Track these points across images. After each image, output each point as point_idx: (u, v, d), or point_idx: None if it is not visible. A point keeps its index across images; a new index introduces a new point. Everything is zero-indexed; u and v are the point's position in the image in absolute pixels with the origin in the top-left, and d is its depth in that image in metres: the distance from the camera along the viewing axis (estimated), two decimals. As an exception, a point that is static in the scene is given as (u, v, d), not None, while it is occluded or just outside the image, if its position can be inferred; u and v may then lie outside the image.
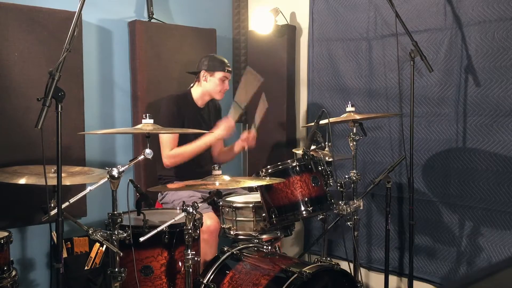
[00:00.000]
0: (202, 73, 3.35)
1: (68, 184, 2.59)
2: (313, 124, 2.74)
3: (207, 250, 2.93)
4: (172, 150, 3.24)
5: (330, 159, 2.83)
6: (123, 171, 2.18)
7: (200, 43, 3.88)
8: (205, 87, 3.37)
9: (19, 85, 3.05)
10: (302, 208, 2.52)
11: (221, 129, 3.25)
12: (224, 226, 2.90)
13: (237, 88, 3.47)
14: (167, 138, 3.23)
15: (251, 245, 2.72)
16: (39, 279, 3.27)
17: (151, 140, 2.36)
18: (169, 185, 2.84)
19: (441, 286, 3.13)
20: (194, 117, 3.36)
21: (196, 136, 3.29)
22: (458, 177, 3.02)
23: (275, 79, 3.88)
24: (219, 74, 3.33)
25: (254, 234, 2.77)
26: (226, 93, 3.47)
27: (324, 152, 2.85)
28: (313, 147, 2.70)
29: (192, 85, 3.44)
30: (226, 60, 3.41)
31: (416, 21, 3.13)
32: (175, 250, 2.47)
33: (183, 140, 3.29)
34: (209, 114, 3.51)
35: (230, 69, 3.39)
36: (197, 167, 3.30)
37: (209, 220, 2.96)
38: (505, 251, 2.86)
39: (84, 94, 3.33)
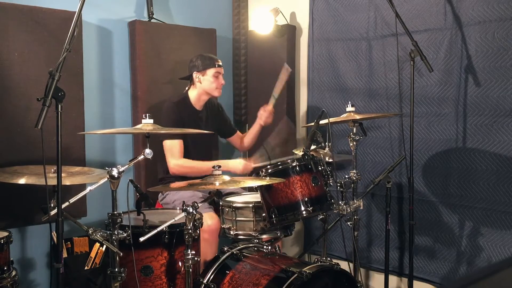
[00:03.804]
0: (195, 74, 3.35)
1: (68, 184, 2.59)
2: (313, 124, 2.74)
3: (208, 249, 2.93)
4: (182, 160, 3.24)
5: (330, 160, 2.83)
6: (123, 171, 2.18)
7: (200, 43, 3.88)
8: (201, 88, 3.36)
9: (19, 85, 3.05)
10: (302, 208, 2.52)
11: (239, 165, 3.23)
12: (224, 226, 2.90)
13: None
14: (174, 147, 3.22)
15: (251, 245, 2.72)
16: (39, 279, 3.27)
17: (151, 140, 2.36)
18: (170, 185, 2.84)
19: (441, 286, 3.13)
20: (193, 121, 3.35)
21: (199, 148, 3.34)
22: (458, 177, 3.02)
23: (275, 79, 3.88)
24: (211, 71, 3.33)
25: (254, 234, 2.77)
26: (225, 90, 3.47)
27: (324, 152, 2.85)
28: (313, 147, 2.69)
29: (187, 88, 3.43)
30: (215, 56, 3.43)
31: (416, 21, 3.13)
32: (175, 250, 2.47)
33: (186, 150, 3.29)
34: (207, 117, 3.51)
35: (220, 63, 3.39)
36: None
37: (210, 219, 2.96)
38: (505, 251, 2.86)
39: (84, 94, 3.33)
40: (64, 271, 2.06)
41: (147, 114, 2.42)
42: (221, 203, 2.90)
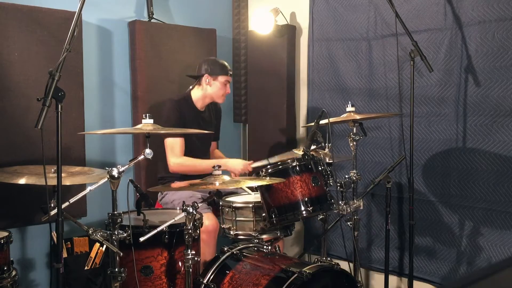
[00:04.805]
0: (205, 77, 3.33)
1: (68, 184, 2.59)
2: (313, 124, 2.74)
3: (206, 250, 2.92)
4: (182, 158, 3.23)
5: (330, 160, 2.83)
6: (123, 171, 2.18)
7: (200, 43, 3.88)
8: (208, 91, 3.35)
9: (19, 85, 3.05)
10: (302, 208, 2.52)
11: (239, 164, 3.21)
12: (224, 226, 2.90)
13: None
14: (175, 144, 3.22)
15: (251, 245, 2.72)
16: (39, 279, 3.27)
17: (151, 140, 2.36)
18: (170, 185, 2.84)
19: (441, 286, 3.13)
20: (195, 121, 3.35)
21: (202, 146, 3.34)
22: (458, 177, 3.02)
23: (275, 79, 3.88)
24: (222, 78, 3.33)
25: (254, 234, 2.77)
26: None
27: (324, 152, 2.85)
28: (313, 147, 2.69)
29: (191, 87, 3.43)
30: (227, 64, 3.42)
31: (416, 21, 3.13)
32: (175, 250, 2.47)
33: (188, 147, 3.29)
34: (210, 117, 3.51)
35: (231, 72, 3.41)
36: None
37: (208, 220, 2.96)
38: (505, 251, 2.86)
39: (84, 94, 3.33)
40: (64, 271, 2.06)
41: (147, 114, 2.42)
42: (221, 203, 2.90)
